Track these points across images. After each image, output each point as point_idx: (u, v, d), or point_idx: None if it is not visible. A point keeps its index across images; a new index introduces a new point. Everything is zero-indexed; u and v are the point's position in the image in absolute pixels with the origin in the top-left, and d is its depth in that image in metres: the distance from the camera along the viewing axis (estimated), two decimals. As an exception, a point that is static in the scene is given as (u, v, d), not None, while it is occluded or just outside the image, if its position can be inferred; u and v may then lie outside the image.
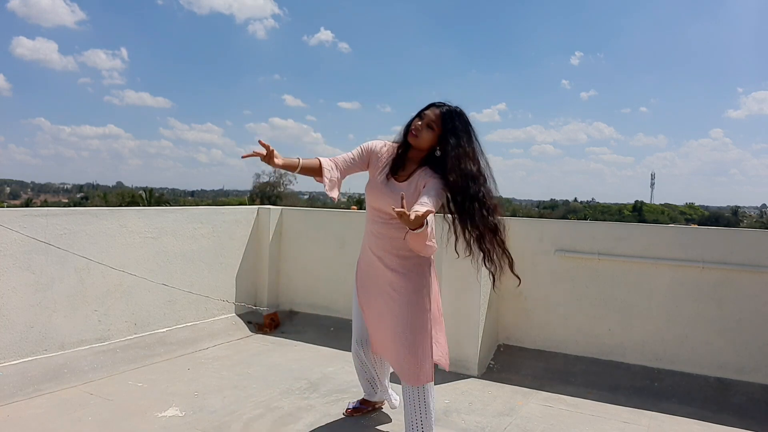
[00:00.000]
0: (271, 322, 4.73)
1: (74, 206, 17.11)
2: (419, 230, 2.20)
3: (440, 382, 3.59)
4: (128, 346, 3.80)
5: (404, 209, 2.11)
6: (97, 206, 11.04)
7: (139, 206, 7.57)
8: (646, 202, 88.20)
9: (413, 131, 2.51)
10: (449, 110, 2.52)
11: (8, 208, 3.83)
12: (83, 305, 3.61)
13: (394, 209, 2.13)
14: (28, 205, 53.96)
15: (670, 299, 3.67)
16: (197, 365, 3.79)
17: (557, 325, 3.98)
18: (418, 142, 2.52)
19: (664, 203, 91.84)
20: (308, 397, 3.30)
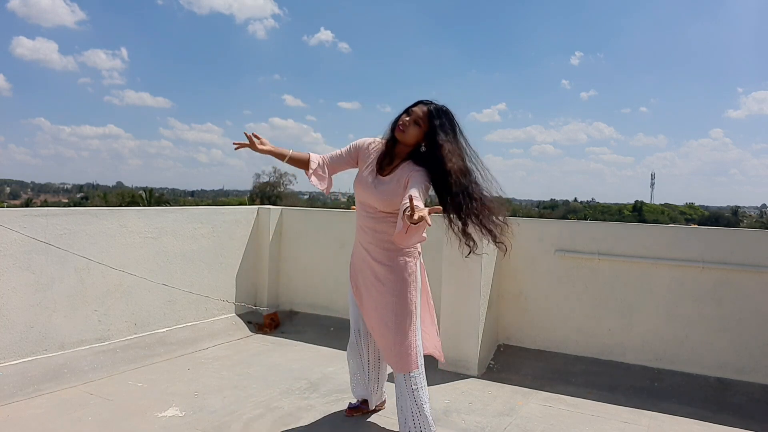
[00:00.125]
0: (271, 322, 4.73)
1: (74, 206, 17.11)
2: (418, 224, 2.21)
3: (440, 382, 3.60)
4: (128, 346, 3.80)
5: (414, 209, 2.13)
6: (97, 206, 11.03)
7: (139, 206, 7.57)
8: (646, 202, 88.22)
9: (400, 126, 2.58)
10: (436, 108, 2.59)
11: (8, 208, 3.83)
12: (83, 305, 3.61)
13: (409, 214, 2.14)
14: (28, 205, 53.97)
15: (669, 299, 3.67)
16: (197, 365, 3.79)
17: (557, 325, 3.98)
18: (404, 137, 2.58)
19: (664, 203, 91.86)
20: (308, 397, 3.30)
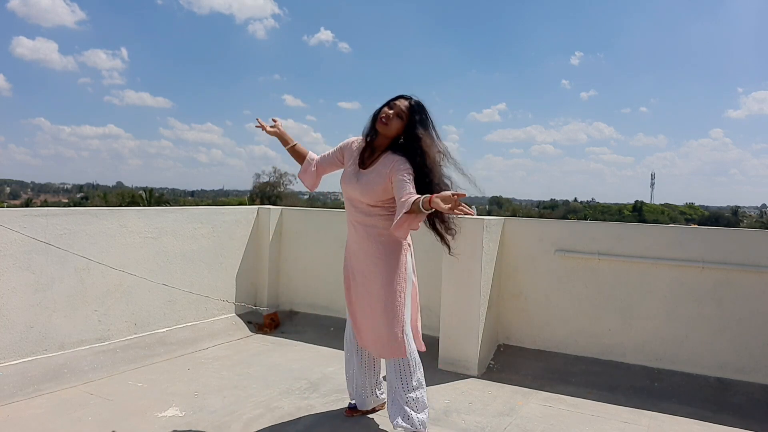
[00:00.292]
0: (271, 322, 4.73)
1: (74, 206, 17.10)
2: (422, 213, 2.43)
3: (440, 382, 3.60)
4: (128, 346, 3.80)
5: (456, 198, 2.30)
6: (97, 206, 11.03)
7: (139, 206, 7.56)
8: (646, 202, 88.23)
9: (383, 119, 2.67)
10: (417, 102, 2.72)
11: (8, 208, 3.82)
12: (83, 305, 3.61)
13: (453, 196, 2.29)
14: (28, 205, 53.97)
15: (670, 299, 3.67)
16: (197, 365, 3.79)
17: (557, 325, 3.98)
18: (387, 129, 2.68)
19: (664, 203, 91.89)
20: (308, 397, 3.30)
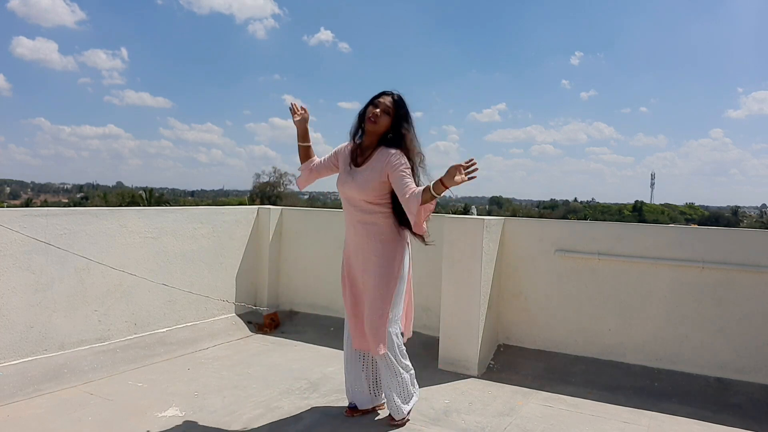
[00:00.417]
0: (271, 322, 4.73)
1: (74, 206, 17.12)
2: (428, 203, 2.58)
3: (440, 382, 3.60)
4: (128, 346, 3.80)
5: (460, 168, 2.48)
6: (97, 206, 11.03)
7: (139, 206, 7.57)
8: (646, 202, 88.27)
9: (372, 118, 2.77)
10: (399, 96, 2.82)
11: (8, 208, 3.83)
12: (83, 305, 3.61)
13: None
14: (28, 205, 53.97)
15: (670, 299, 3.67)
16: (197, 365, 3.79)
17: (557, 325, 3.98)
18: (377, 127, 2.78)
19: (664, 203, 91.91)
20: (308, 397, 3.30)
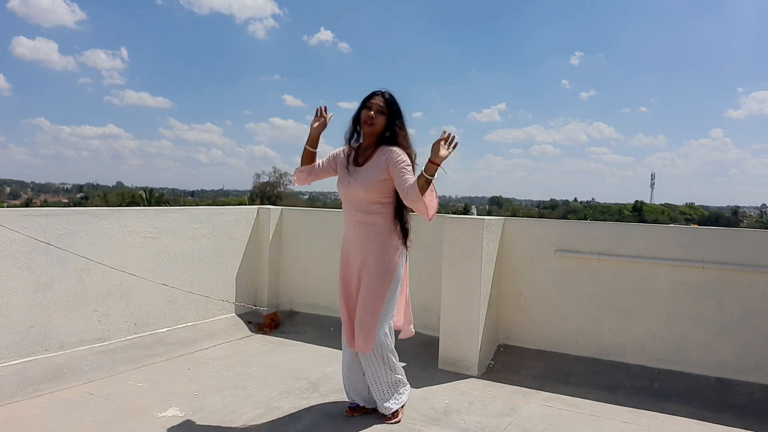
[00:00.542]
0: (271, 322, 4.73)
1: (74, 206, 17.11)
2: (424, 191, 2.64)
3: (440, 382, 3.60)
4: (128, 346, 3.80)
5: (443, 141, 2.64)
6: (97, 206, 11.03)
7: (139, 206, 7.57)
8: (646, 202, 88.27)
9: (368, 121, 2.82)
10: (390, 95, 2.88)
11: (8, 208, 3.83)
12: (83, 305, 3.61)
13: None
14: (28, 205, 53.95)
15: (670, 299, 3.67)
16: (197, 365, 3.79)
17: (557, 325, 3.98)
18: (374, 128, 2.84)
19: (664, 203, 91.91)
20: (308, 397, 3.30)
